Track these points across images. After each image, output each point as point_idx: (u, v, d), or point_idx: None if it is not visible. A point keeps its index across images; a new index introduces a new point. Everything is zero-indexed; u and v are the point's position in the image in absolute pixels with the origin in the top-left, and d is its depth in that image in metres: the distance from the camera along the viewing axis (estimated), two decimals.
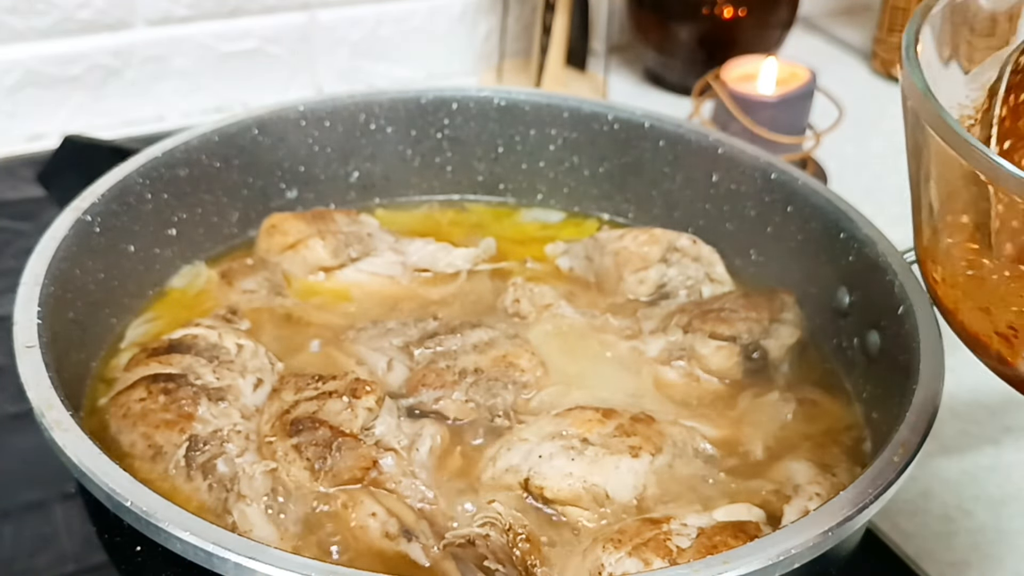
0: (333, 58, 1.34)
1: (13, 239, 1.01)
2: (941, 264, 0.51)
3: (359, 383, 0.70)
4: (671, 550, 0.60)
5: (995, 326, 0.48)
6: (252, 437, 0.69)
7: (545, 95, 0.99)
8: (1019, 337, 0.47)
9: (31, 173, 1.12)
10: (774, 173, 0.88)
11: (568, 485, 0.66)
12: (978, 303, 0.49)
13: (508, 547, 0.60)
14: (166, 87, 1.27)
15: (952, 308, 0.51)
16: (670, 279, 0.87)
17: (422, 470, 0.68)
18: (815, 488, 0.67)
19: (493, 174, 1.01)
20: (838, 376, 0.81)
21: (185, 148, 0.87)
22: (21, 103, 1.21)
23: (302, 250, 0.88)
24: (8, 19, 1.16)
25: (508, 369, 0.76)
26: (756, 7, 1.34)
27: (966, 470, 0.84)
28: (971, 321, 0.50)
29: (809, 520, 0.56)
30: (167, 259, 0.87)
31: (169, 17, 1.23)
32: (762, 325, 0.80)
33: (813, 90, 1.15)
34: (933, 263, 0.52)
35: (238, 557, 0.52)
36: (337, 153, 0.97)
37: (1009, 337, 0.48)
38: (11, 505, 0.74)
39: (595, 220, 1.00)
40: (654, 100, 1.39)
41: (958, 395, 0.89)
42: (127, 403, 0.70)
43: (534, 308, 0.84)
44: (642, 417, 0.71)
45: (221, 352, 0.74)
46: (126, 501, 0.55)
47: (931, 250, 0.52)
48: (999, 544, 0.78)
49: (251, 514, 0.64)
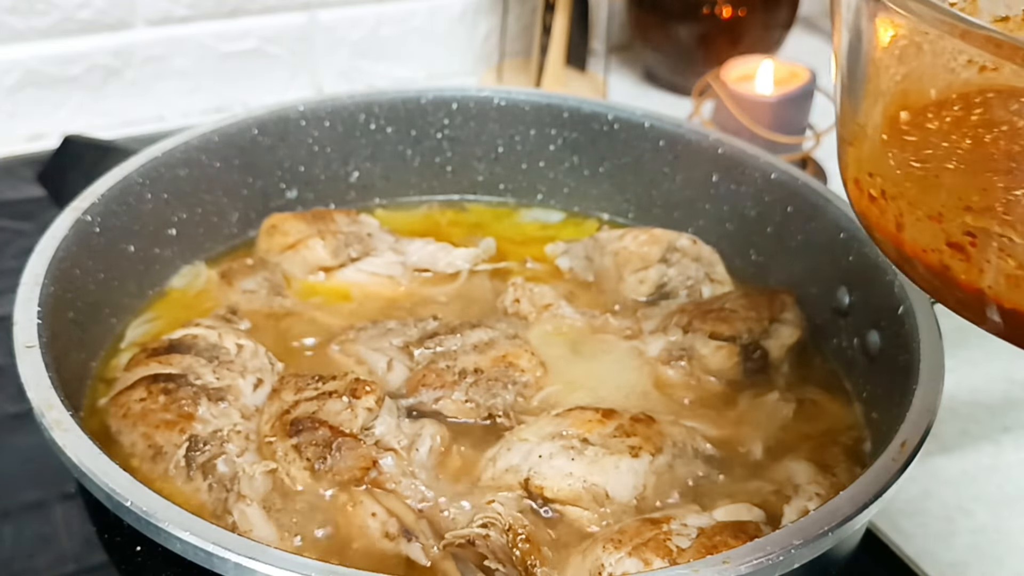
0: (333, 58, 1.34)
1: (13, 239, 1.01)
2: (880, 174, 0.46)
3: (359, 383, 0.70)
4: (671, 550, 0.60)
5: (948, 235, 0.43)
6: (252, 437, 0.69)
7: (545, 95, 0.99)
8: (978, 244, 0.42)
9: (31, 173, 1.12)
10: (774, 173, 0.88)
11: (568, 485, 0.66)
12: (929, 209, 0.43)
13: (508, 547, 0.60)
14: (166, 87, 1.27)
15: (894, 229, 0.46)
16: (670, 279, 0.87)
17: (422, 470, 0.68)
18: (815, 488, 0.67)
19: (493, 174, 1.01)
20: (838, 376, 0.81)
21: (185, 148, 0.87)
22: (21, 103, 1.21)
23: (302, 250, 0.88)
24: (8, 19, 1.16)
25: (508, 369, 0.76)
26: (756, 7, 1.34)
27: (966, 470, 0.84)
28: (918, 237, 0.44)
29: (809, 520, 0.56)
30: (167, 259, 0.87)
31: (169, 17, 1.23)
32: (762, 325, 0.80)
33: (813, 90, 1.15)
34: (871, 177, 0.47)
35: (238, 557, 0.52)
36: (337, 153, 0.97)
37: (965, 246, 0.42)
38: (11, 505, 0.74)
39: (595, 220, 1.00)
40: (654, 100, 1.39)
41: (958, 395, 0.89)
42: (127, 403, 0.70)
43: (534, 308, 0.84)
44: (642, 417, 0.71)
45: (221, 352, 0.74)
46: (126, 501, 0.55)
47: (868, 160, 0.47)
48: (999, 544, 0.78)
49: (251, 514, 0.64)
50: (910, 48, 0.43)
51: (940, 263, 0.43)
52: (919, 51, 0.42)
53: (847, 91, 0.49)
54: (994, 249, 0.41)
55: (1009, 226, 0.40)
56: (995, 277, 0.41)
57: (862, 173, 0.48)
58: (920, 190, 0.44)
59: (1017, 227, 0.40)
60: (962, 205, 0.42)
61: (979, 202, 0.41)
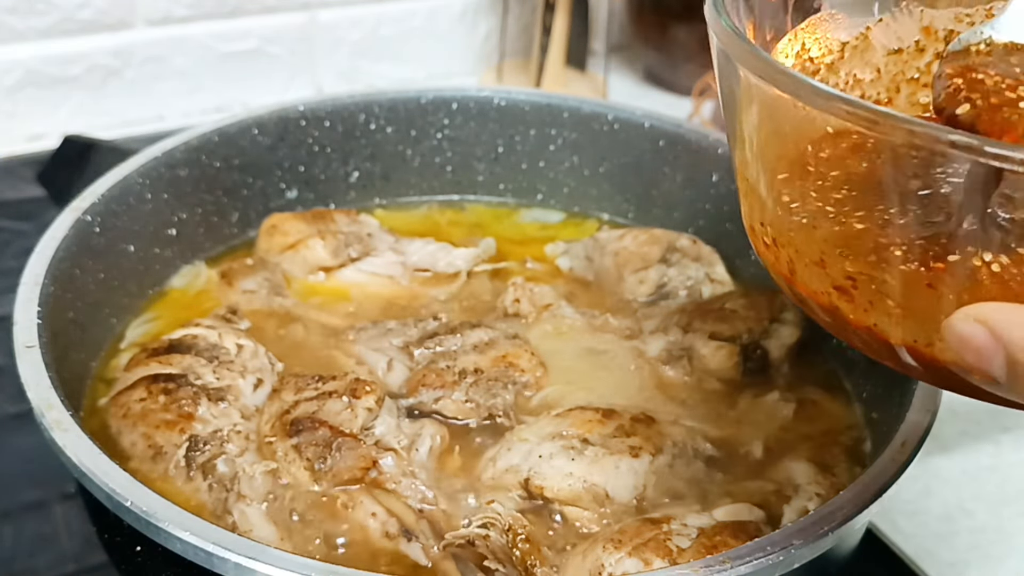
0: (333, 58, 1.34)
1: (13, 239, 1.01)
2: (769, 224, 0.49)
3: (359, 383, 0.70)
4: (671, 550, 0.60)
5: (832, 279, 0.45)
6: (252, 437, 0.69)
7: (545, 95, 0.99)
8: (859, 287, 0.45)
9: (31, 173, 1.12)
10: None
11: (568, 485, 0.66)
12: (811, 257, 0.46)
13: (508, 547, 0.60)
14: (166, 87, 1.27)
15: (788, 273, 0.48)
16: (670, 279, 0.87)
17: (422, 470, 0.68)
18: (815, 488, 0.67)
19: (493, 174, 1.01)
20: (838, 376, 0.81)
21: (185, 148, 0.87)
22: (21, 103, 1.21)
23: (302, 250, 0.88)
24: (8, 19, 1.16)
25: (508, 369, 0.76)
26: None
27: (966, 470, 0.84)
28: (808, 281, 0.47)
29: (809, 520, 0.56)
30: (167, 259, 0.87)
31: (169, 17, 1.23)
32: (762, 325, 0.80)
33: None
34: (762, 226, 0.49)
35: (238, 557, 0.52)
36: (337, 153, 0.97)
37: (848, 289, 0.45)
38: (11, 505, 0.74)
39: (595, 220, 1.00)
40: (654, 100, 1.39)
41: (958, 395, 0.89)
42: (127, 403, 0.70)
43: (534, 308, 0.83)
44: (642, 417, 0.71)
45: (221, 352, 0.74)
46: (126, 501, 0.55)
47: (758, 211, 0.50)
48: (999, 544, 0.78)
49: (251, 514, 0.64)
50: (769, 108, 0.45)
51: (830, 304, 0.46)
52: (777, 110, 0.44)
53: (731, 146, 0.51)
54: (872, 291, 0.44)
55: (882, 270, 0.43)
56: (878, 316, 0.44)
57: (755, 222, 0.50)
58: (803, 239, 0.46)
59: (889, 270, 0.43)
60: (839, 253, 0.44)
61: (852, 249, 0.44)
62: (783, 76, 0.43)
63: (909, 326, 0.44)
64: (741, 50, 0.45)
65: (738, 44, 0.45)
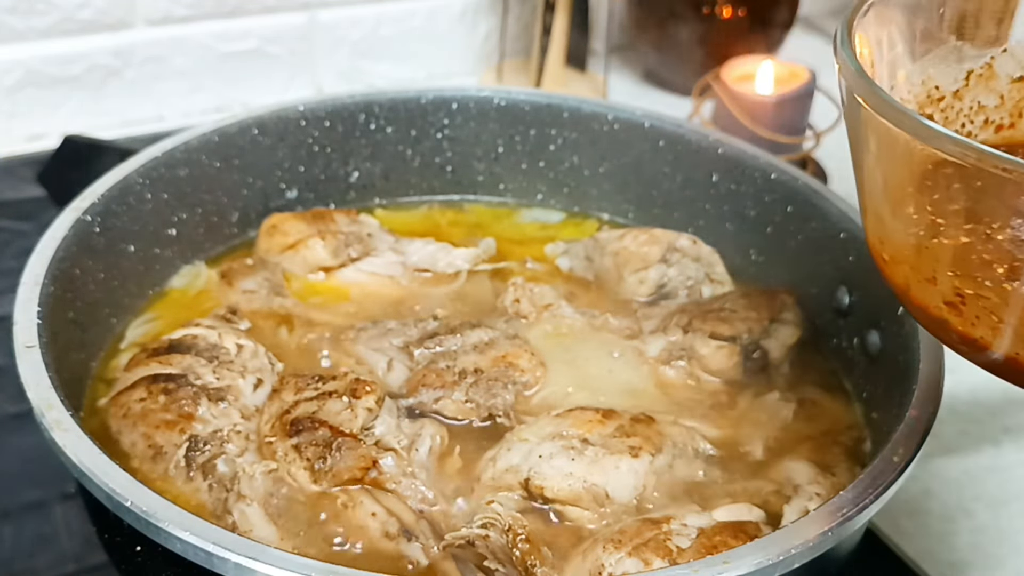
0: (333, 58, 1.34)
1: (13, 239, 1.01)
2: (888, 242, 0.53)
3: (359, 383, 0.70)
4: (671, 550, 0.60)
5: (943, 295, 0.50)
6: (252, 437, 0.70)
7: (545, 95, 0.99)
8: (967, 303, 0.49)
9: (31, 173, 1.12)
10: (774, 173, 0.88)
11: (568, 485, 0.66)
12: (924, 275, 0.50)
13: (508, 547, 0.60)
14: (166, 87, 1.27)
15: (904, 286, 0.53)
16: (670, 279, 0.87)
17: (422, 470, 0.68)
18: (815, 488, 0.67)
19: (493, 174, 1.01)
20: (838, 376, 0.81)
21: (185, 148, 0.87)
22: (21, 103, 1.21)
23: (302, 250, 0.88)
24: (8, 19, 1.16)
25: (508, 369, 0.76)
26: (756, 7, 1.34)
27: (966, 470, 0.84)
28: (921, 295, 0.51)
29: (809, 520, 0.56)
30: (167, 259, 0.87)
31: (169, 17, 1.23)
32: (762, 325, 0.80)
33: (813, 90, 1.14)
34: (881, 244, 0.54)
35: (238, 557, 0.52)
36: (337, 153, 0.97)
37: (957, 304, 0.49)
38: (11, 505, 0.74)
39: (595, 220, 1.00)
40: (654, 100, 1.39)
41: (958, 395, 0.89)
42: (127, 403, 0.70)
43: (534, 308, 0.83)
44: (642, 417, 0.71)
45: (221, 352, 0.74)
46: (126, 501, 0.55)
47: (877, 230, 0.54)
48: (1000, 544, 0.78)
49: (251, 514, 0.64)
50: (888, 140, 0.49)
51: (940, 317, 0.51)
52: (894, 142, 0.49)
53: (856, 166, 0.55)
54: (980, 308, 0.48)
55: (989, 289, 0.47)
56: (984, 330, 0.49)
57: (875, 239, 0.55)
58: (916, 258, 0.51)
59: (995, 290, 0.47)
60: (948, 271, 0.49)
61: (961, 268, 0.48)
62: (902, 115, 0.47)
63: (1013, 340, 0.48)
64: (865, 89, 0.50)
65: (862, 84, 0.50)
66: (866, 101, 0.49)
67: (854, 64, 0.52)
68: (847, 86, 0.52)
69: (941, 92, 0.60)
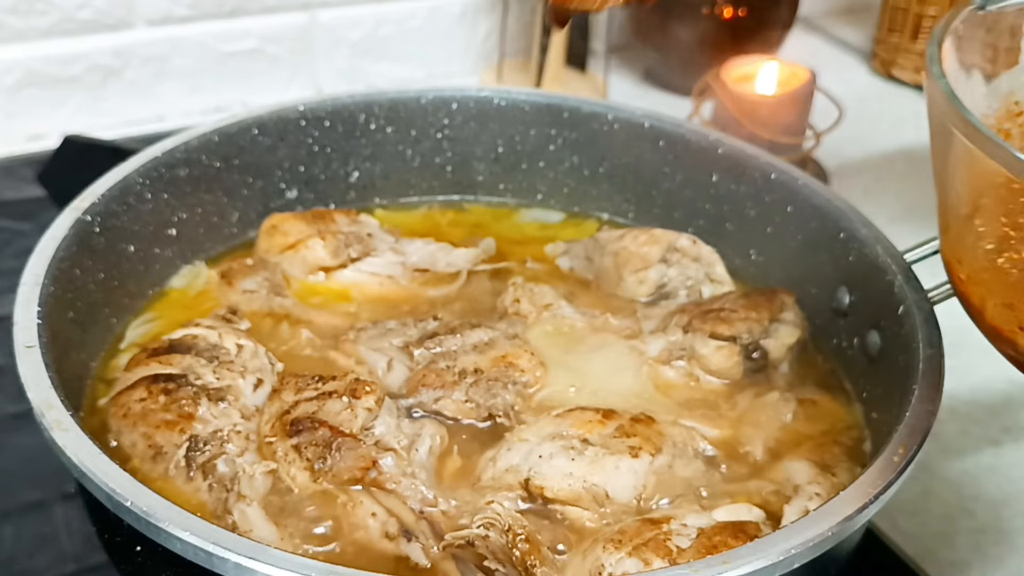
0: (333, 58, 1.34)
1: (13, 239, 1.01)
2: (966, 263, 0.53)
3: (359, 383, 0.70)
4: (671, 550, 0.60)
5: (1020, 320, 0.51)
6: (252, 437, 0.69)
7: (545, 95, 0.99)
8: None
9: (31, 173, 1.12)
10: (774, 173, 0.88)
11: (568, 485, 0.66)
12: (1003, 299, 0.51)
13: (508, 547, 0.60)
14: (166, 87, 1.27)
15: (979, 305, 0.53)
16: (670, 279, 0.87)
17: (422, 470, 0.68)
18: (815, 488, 0.67)
19: (493, 174, 1.01)
20: (838, 376, 0.81)
21: (185, 148, 0.87)
22: (21, 103, 1.21)
23: (302, 250, 0.88)
24: (8, 19, 1.16)
25: (508, 369, 0.76)
26: (756, 7, 1.34)
27: (966, 470, 0.84)
28: (996, 317, 0.52)
29: (809, 520, 0.56)
30: (167, 259, 0.87)
31: (169, 17, 1.23)
32: (762, 325, 0.80)
33: (813, 90, 1.15)
34: (959, 262, 0.54)
35: (238, 557, 0.52)
36: (337, 153, 0.97)
37: None
38: (11, 505, 0.74)
39: (595, 220, 1.00)
40: (654, 100, 1.39)
41: (958, 395, 0.89)
42: (127, 403, 0.70)
43: (534, 308, 0.83)
44: (642, 418, 0.71)
45: (221, 352, 0.74)
46: (126, 501, 0.55)
47: (956, 249, 0.54)
48: (1000, 544, 0.78)
49: (251, 514, 0.64)
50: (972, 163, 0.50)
51: (1013, 340, 0.52)
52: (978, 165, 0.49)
53: (939, 185, 0.56)
54: None
55: None
56: None
57: (952, 257, 0.55)
58: (995, 282, 0.52)
59: None
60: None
61: None
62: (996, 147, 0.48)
63: None
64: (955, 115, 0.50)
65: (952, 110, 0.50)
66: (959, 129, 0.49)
67: (946, 88, 0.51)
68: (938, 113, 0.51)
69: (1021, 107, 0.60)
